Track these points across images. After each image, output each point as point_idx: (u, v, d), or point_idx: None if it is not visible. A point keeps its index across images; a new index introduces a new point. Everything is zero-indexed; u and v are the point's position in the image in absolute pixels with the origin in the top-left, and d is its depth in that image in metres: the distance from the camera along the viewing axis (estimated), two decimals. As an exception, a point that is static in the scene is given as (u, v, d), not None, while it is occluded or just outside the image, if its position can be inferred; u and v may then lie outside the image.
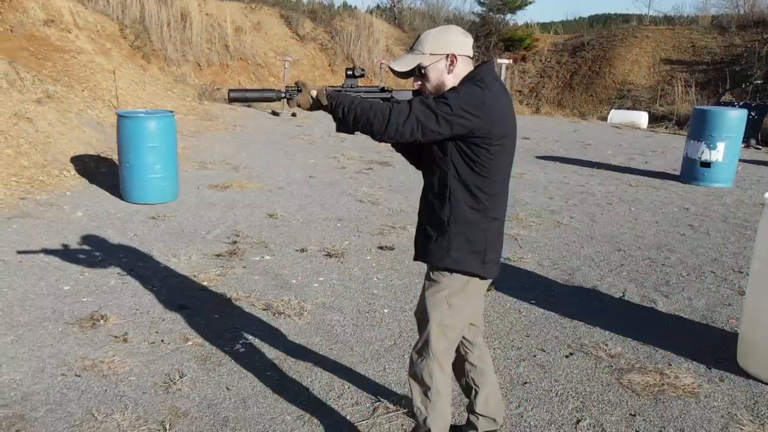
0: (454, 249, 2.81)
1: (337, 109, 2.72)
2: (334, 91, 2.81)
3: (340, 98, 2.74)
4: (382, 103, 2.68)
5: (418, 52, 2.77)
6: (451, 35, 2.77)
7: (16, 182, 8.51)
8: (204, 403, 3.78)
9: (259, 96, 2.90)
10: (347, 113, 2.68)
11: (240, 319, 4.87)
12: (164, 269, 5.86)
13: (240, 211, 7.71)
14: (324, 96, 2.77)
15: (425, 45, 2.75)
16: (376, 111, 2.63)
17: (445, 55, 2.74)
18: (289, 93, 2.82)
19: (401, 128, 2.60)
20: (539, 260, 6.40)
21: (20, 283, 5.39)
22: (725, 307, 5.33)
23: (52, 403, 3.72)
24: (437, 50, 2.74)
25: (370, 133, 2.67)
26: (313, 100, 2.79)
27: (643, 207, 8.54)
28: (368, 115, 2.64)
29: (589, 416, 3.76)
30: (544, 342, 4.68)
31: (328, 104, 2.75)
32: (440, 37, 2.76)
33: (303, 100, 2.81)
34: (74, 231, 6.81)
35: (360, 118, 2.66)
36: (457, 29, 2.81)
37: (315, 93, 2.79)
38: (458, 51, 2.75)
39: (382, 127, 2.62)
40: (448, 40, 2.75)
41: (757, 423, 3.75)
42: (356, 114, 2.66)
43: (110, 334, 4.58)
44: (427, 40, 2.76)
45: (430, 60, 2.75)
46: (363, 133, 2.70)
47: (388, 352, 4.44)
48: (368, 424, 3.61)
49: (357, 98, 2.73)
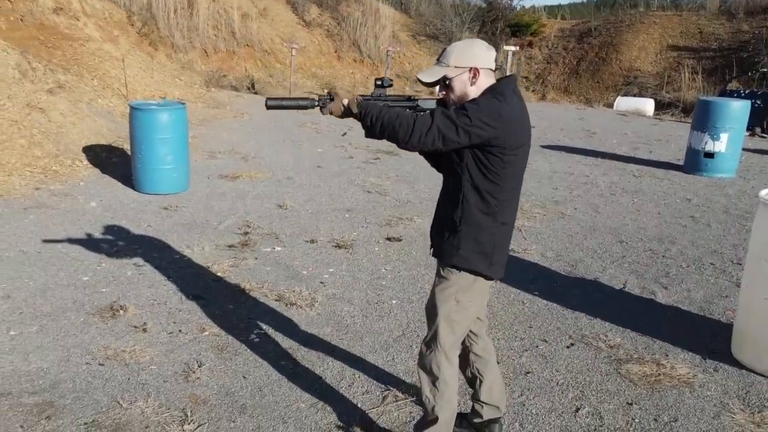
0: (463, 249, 3.03)
1: (366, 117, 2.93)
2: (364, 100, 3.00)
3: (369, 107, 2.95)
4: (407, 114, 2.88)
5: (443, 64, 2.97)
6: (475, 50, 2.97)
7: (30, 172, 8.74)
8: (222, 391, 4.01)
9: (294, 104, 3.12)
10: (375, 122, 2.90)
11: (254, 310, 5.10)
12: (179, 260, 6.09)
13: (250, 202, 7.93)
14: (355, 104, 2.99)
15: (450, 58, 2.96)
16: (402, 121, 2.84)
17: (468, 68, 2.95)
18: (322, 101, 3.04)
19: (424, 138, 2.82)
20: (543, 251, 6.61)
21: (41, 274, 5.63)
22: (722, 299, 5.55)
23: (78, 391, 3.96)
24: (461, 63, 2.94)
25: (396, 141, 2.89)
26: (345, 108, 3.00)
27: (646, 198, 8.74)
28: (394, 125, 2.85)
29: (588, 405, 3.99)
30: (546, 333, 4.90)
31: (358, 112, 2.96)
32: (465, 51, 2.96)
33: (335, 108, 3.02)
34: (89, 221, 7.03)
35: (386, 127, 2.87)
36: (481, 43, 3.00)
37: (346, 102, 3.01)
38: (481, 65, 2.95)
39: (406, 136, 2.84)
40: (472, 55, 2.95)
41: (748, 412, 3.96)
42: (383, 123, 2.88)
43: (130, 324, 4.81)
44: (452, 53, 2.96)
45: (455, 72, 2.95)
46: (389, 141, 2.92)
47: (397, 342, 4.67)
48: (378, 412, 3.84)
49: (385, 108, 2.94)
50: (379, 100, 3.12)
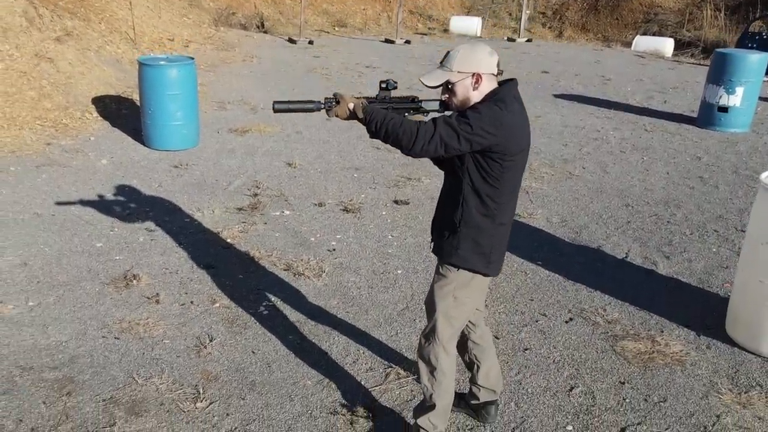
0: (462, 249, 3.22)
1: (370, 123, 3.08)
2: (369, 105, 3.13)
3: (375, 114, 3.07)
4: (411, 122, 3.01)
5: (446, 68, 3.09)
6: (478, 55, 3.08)
7: (41, 126, 8.94)
8: (233, 367, 4.29)
9: (300, 107, 3.24)
10: (380, 128, 3.05)
11: (263, 280, 5.35)
12: (189, 224, 6.33)
13: (259, 159, 8.12)
14: (360, 110, 3.11)
15: (453, 63, 3.07)
16: (405, 129, 2.99)
17: (471, 74, 3.07)
18: (328, 104, 3.17)
19: (427, 146, 2.98)
20: (548, 216, 6.80)
21: (56, 239, 5.88)
22: (722, 270, 5.74)
23: (96, 366, 4.24)
24: (464, 69, 3.06)
25: (399, 148, 3.04)
26: (350, 112, 3.14)
27: (656, 156, 8.85)
28: (398, 133, 3.00)
29: (581, 383, 4.24)
30: (547, 306, 5.13)
31: (363, 118, 3.11)
32: (468, 56, 3.06)
33: (341, 112, 3.16)
34: (101, 181, 7.26)
35: (390, 135, 3.02)
36: (484, 49, 3.11)
37: (352, 106, 3.12)
38: (483, 70, 3.07)
39: (410, 144, 2.99)
40: (475, 60, 3.06)
41: (735, 392, 4.20)
42: (387, 130, 3.03)
43: (143, 294, 5.07)
44: (455, 58, 3.07)
45: (458, 77, 3.08)
46: (393, 147, 3.08)
47: (401, 315, 4.92)
48: (381, 390, 4.10)
49: (389, 115, 3.06)
50: (383, 102, 3.26)
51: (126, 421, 3.75)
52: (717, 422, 3.93)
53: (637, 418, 3.93)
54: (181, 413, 3.83)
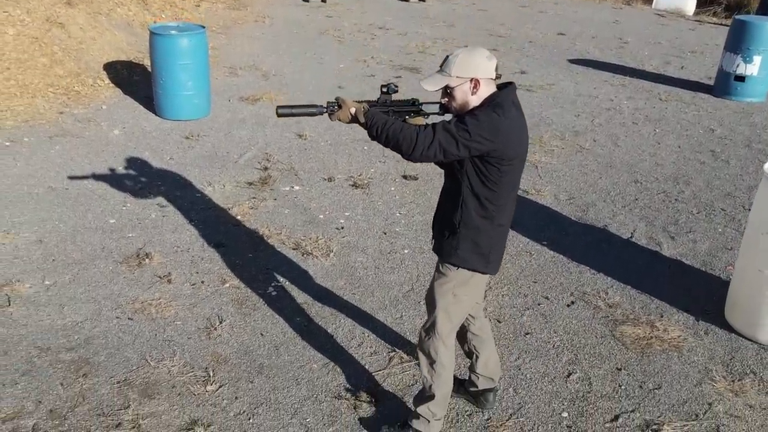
0: (462, 249, 3.39)
1: (371, 128, 3.22)
2: (371, 110, 3.27)
3: (376, 119, 3.21)
4: (411, 128, 3.14)
5: (445, 73, 3.20)
6: (476, 60, 3.18)
7: (53, 93, 9.11)
8: (242, 349, 4.51)
9: (303, 112, 3.40)
10: (380, 133, 3.19)
11: (272, 259, 5.56)
12: (200, 199, 6.53)
13: (270, 130, 8.27)
14: (362, 114, 3.25)
15: (452, 68, 3.18)
16: (405, 135, 3.13)
17: (469, 79, 3.19)
18: (330, 108, 3.32)
19: (426, 152, 3.12)
20: (556, 193, 6.94)
21: (70, 215, 6.10)
22: (726, 252, 5.89)
23: (111, 348, 4.48)
24: (462, 74, 3.18)
25: (399, 153, 3.19)
26: (352, 116, 3.29)
27: (669, 128, 8.92)
28: (398, 138, 3.15)
29: (579, 369, 4.44)
30: (550, 289, 5.31)
31: (365, 122, 3.26)
32: (466, 61, 3.17)
33: (342, 116, 3.30)
34: (113, 153, 7.45)
35: (391, 140, 3.17)
36: (482, 53, 3.21)
37: (353, 110, 3.27)
38: (481, 75, 3.19)
39: (409, 150, 3.14)
40: (473, 65, 3.17)
41: (729, 380, 4.39)
42: (388, 136, 3.17)
43: (155, 274, 5.30)
44: (454, 63, 3.17)
45: (456, 82, 3.20)
46: (393, 151, 3.23)
47: (406, 298, 5.12)
48: (384, 374, 4.32)
49: (390, 121, 3.20)
50: (384, 105, 3.41)
51: (140, 404, 3.99)
52: (708, 410, 4.11)
53: (631, 405, 4.12)
54: (191, 396, 4.06)
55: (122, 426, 3.81)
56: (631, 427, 3.97)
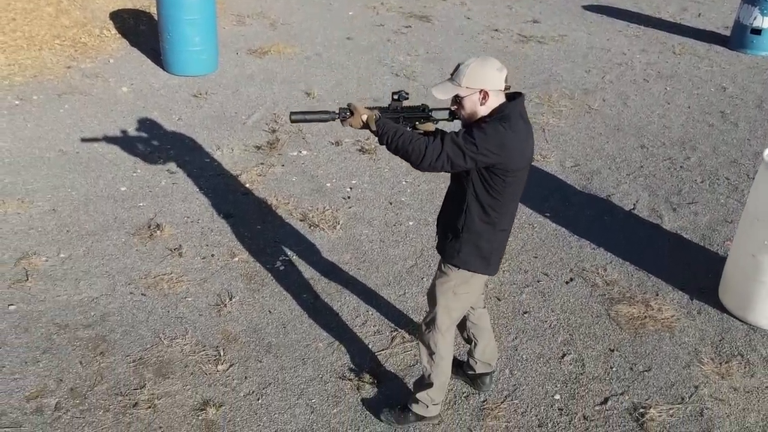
0: (464, 252, 3.64)
1: (382, 137, 3.41)
2: (382, 119, 3.44)
3: (386, 128, 3.40)
4: (420, 140, 3.31)
5: (456, 83, 3.36)
6: (486, 71, 3.33)
7: (60, 45, 9.28)
8: (251, 327, 4.83)
9: (316, 118, 3.61)
10: (390, 143, 3.39)
11: (279, 231, 5.84)
12: (209, 165, 6.78)
13: (278, 87, 8.45)
14: (373, 122, 3.43)
15: (462, 78, 3.33)
16: (414, 146, 3.32)
17: (478, 90, 3.36)
18: (343, 114, 3.50)
19: (434, 163, 3.33)
20: (562, 159, 7.15)
21: (82, 182, 6.38)
22: (725, 225, 6.12)
23: (126, 325, 4.80)
24: (472, 85, 3.34)
25: (408, 162, 3.39)
26: (363, 123, 3.48)
27: (680, 85, 9.03)
28: (407, 149, 3.34)
29: (573, 350, 4.75)
30: (550, 265, 5.58)
31: (376, 130, 3.46)
32: (476, 72, 3.32)
33: (354, 122, 3.48)
34: (122, 113, 7.68)
35: (400, 150, 3.36)
36: (492, 64, 3.35)
37: (365, 118, 3.44)
38: (490, 87, 3.35)
39: (418, 161, 3.34)
40: (483, 77, 3.32)
41: (717, 362, 4.68)
42: (397, 145, 3.37)
43: (167, 246, 5.59)
44: (464, 74, 3.32)
45: (466, 92, 3.36)
46: (402, 159, 3.42)
47: (409, 273, 5.41)
48: (386, 354, 4.64)
49: (400, 130, 3.39)
50: (395, 112, 3.62)
51: (155, 383, 4.32)
52: (694, 393, 4.42)
53: (620, 388, 4.44)
54: (203, 375, 4.39)
55: (139, 406, 4.14)
56: (619, 410, 4.27)
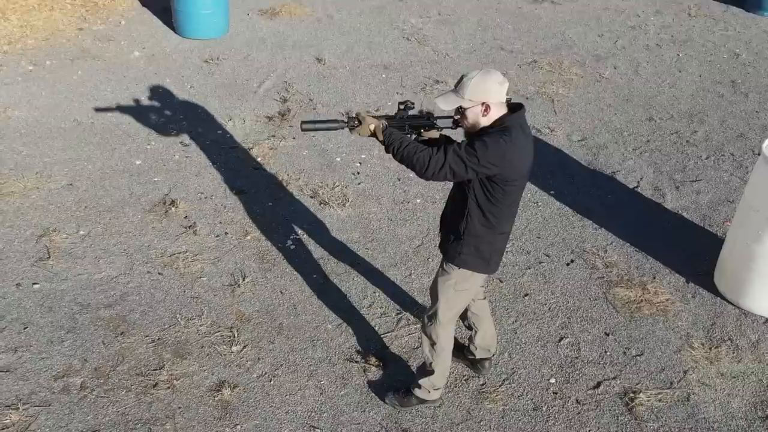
0: (465, 253, 3.95)
1: (389, 147, 3.68)
2: (389, 129, 3.70)
3: (393, 138, 3.66)
4: (425, 151, 3.56)
5: (459, 95, 3.60)
6: (488, 84, 3.56)
7: (71, 5, 9.51)
8: (263, 308, 5.19)
9: (326, 127, 3.92)
10: (396, 153, 3.65)
11: (290, 208, 6.16)
12: (221, 137, 7.08)
13: (289, 53, 8.67)
14: (380, 132, 3.70)
15: (466, 91, 3.56)
16: (418, 157, 3.57)
17: (480, 103, 3.61)
18: (351, 123, 3.77)
19: (437, 174, 3.59)
20: (569, 133, 7.40)
21: (98, 155, 6.70)
22: (726, 205, 6.38)
23: (144, 305, 5.17)
24: (474, 98, 3.58)
25: (413, 171, 3.66)
26: (371, 132, 3.76)
27: (693, 51, 9.17)
28: (412, 160, 3.61)
29: (570, 334, 5.09)
30: (551, 245, 5.89)
31: (383, 140, 3.73)
32: (479, 85, 3.55)
33: (362, 131, 3.75)
34: (135, 79, 7.95)
35: (405, 160, 3.64)
36: (495, 79, 3.58)
37: (373, 128, 3.71)
38: (492, 100, 3.59)
39: (422, 171, 3.60)
40: (485, 90, 3.55)
41: (707, 347, 5.01)
42: (403, 156, 3.64)
43: (182, 224, 5.93)
44: (468, 86, 3.55)
45: (469, 104, 3.60)
46: (407, 168, 3.69)
47: (416, 254, 5.74)
48: (392, 337, 4.99)
49: (406, 141, 3.65)
50: (402, 120, 3.86)
51: (173, 364, 4.71)
52: (683, 378, 4.77)
53: (613, 372, 4.79)
54: (219, 357, 4.77)
55: (159, 386, 4.53)
56: (610, 394, 4.63)
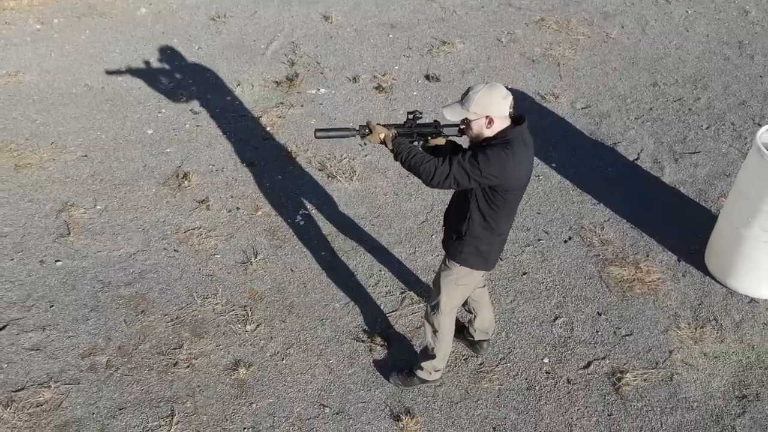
0: (465, 253, 4.36)
1: (397, 155, 4.04)
2: (398, 139, 4.07)
3: (401, 147, 4.03)
4: (431, 161, 3.91)
5: (465, 107, 3.94)
6: (492, 98, 3.88)
7: (76, -44, 9.70)
8: (275, 286, 5.64)
9: (339, 134, 4.26)
10: (404, 162, 4.02)
11: (299, 182, 6.54)
12: (230, 103, 7.43)
13: (296, 10, 8.89)
14: (390, 141, 4.08)
15: (470, 104, 3.89)
16: (425, 168, 3.92)
17: (485, 116, 3.95)
18: (362, 132, 4.14)
19: (442, 182, 3.95)
20: (573, 100, 7.71)
21: (110, 124, 7.07)
22: (723, 179, 6.72)
23: (162, 283, 5.63)
24: (479, 111, 3.91)
25: (419, 179, 4.02)
26: (381, 140, 4.12)
27: (702, 8, 9.34)
28: (419, 169, 3.98)
29: (565, 313, 5.53)
30: (551, 222, 6.29)
31: (392, 149, 4.09)
32: (483, 99, 3.87)
33: (373, 140, 4.12)
34: (143, 39, 8.24)
35: (413, 169, 4.01)
36: (499, 93, 3.89)
37: (383, 137, 4.09)
38: (495, 114, 3.91)
39: (427, 180, 3.96)
40: (489, 104, 3.87)
41: (693, 326, 5.43)
42: (410, 165, 4.01)
43: (195, 198, 6.33)
44: (473, 100, 3.88)
45: (473, 117, 3.93)
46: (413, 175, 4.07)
47: (420, 230, 6.15)
48: (396, 316, 5.45)
49: (413, 150, 4.01)
50: (410, 128, 4.21)
51: (191, 343, 5.20)
52: (668, 358, 5.23)
53: (603, 352, 5.26)
54: (234, 336, 5.26)
55: (179, 365, 5.03)
56: (599, 374, 5.12)
